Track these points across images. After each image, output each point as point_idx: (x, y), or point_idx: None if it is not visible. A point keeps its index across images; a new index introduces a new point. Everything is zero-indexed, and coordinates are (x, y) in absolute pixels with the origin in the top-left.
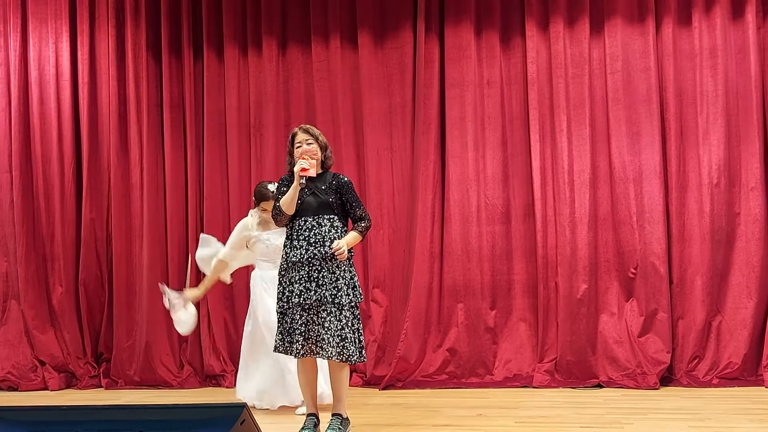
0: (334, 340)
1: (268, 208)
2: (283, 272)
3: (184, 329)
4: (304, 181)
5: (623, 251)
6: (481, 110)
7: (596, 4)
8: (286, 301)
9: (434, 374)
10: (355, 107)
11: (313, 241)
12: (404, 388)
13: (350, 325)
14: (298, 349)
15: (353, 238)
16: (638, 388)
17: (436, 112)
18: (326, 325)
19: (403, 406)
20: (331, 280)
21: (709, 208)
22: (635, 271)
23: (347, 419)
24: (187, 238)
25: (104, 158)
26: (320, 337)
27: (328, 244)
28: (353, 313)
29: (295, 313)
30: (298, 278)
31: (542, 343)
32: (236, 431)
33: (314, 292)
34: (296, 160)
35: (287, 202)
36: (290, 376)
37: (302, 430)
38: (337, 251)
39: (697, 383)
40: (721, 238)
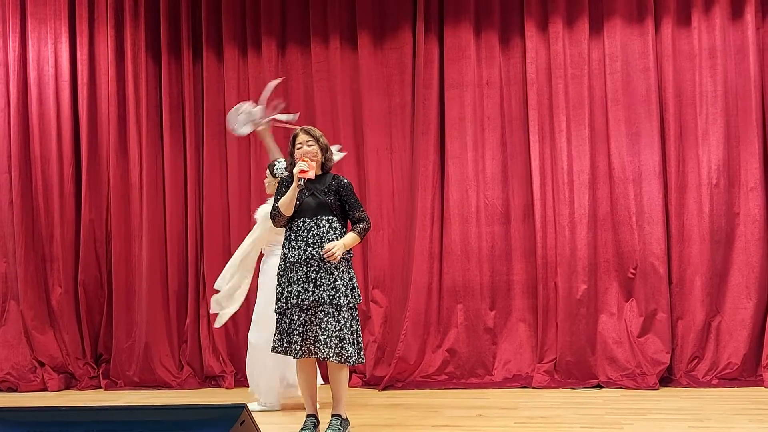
0: (332, 341)
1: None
2: (281, 273)
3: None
4: (302, 183)
5: (623, 251)
6: (480, 111)
7: (595, 4)
8: (284, 301)
9: (434, 375)
10: (354, 108)
11: (311, 241)
12: (404, 388)
13: (348, 326)
14: (296, 349)
15: (351, 239)
16: (638, 388)
17: (435, 112)
18: (324, 326)
19: (402, 406)
20: (329, 281)
21: (708, 208)
22: (635, 271)
23: (347, 420)
24: (186, 238)
25: (103, 159)
26: (318, 338)
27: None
28: (351, 314)
29: (293, 313)
30: (296, 279)
31: (542, 343)
32: None
33: (312, 293)
34: (296, 161)
35: (286, 203)
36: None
37: (302, 430)
38: (326, 253)
39: (696, 383)
40: (720, 238)
